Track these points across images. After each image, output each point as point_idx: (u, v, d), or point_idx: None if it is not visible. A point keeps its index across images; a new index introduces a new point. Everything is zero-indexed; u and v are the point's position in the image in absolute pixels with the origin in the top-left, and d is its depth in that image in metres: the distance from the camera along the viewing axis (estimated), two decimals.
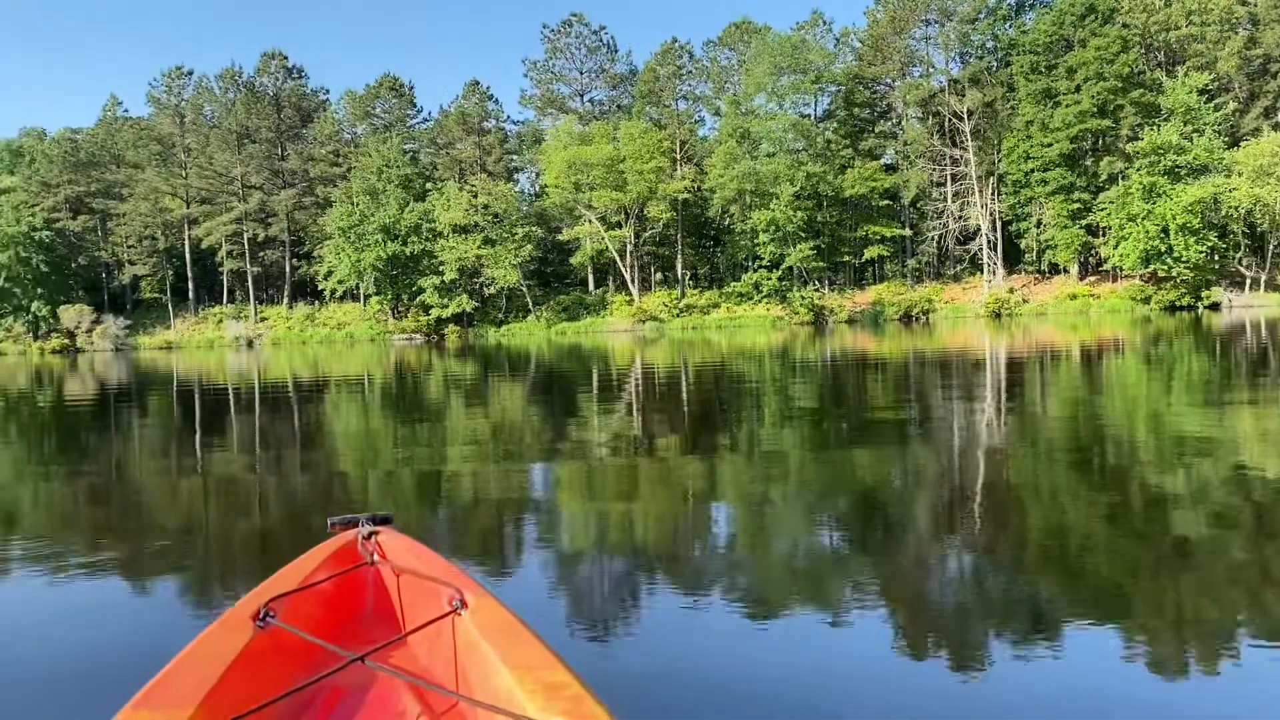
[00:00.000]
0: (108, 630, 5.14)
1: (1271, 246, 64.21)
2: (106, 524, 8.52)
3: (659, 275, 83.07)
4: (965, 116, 71.82)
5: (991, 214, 72.12)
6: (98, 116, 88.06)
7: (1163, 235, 59.89)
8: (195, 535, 7.85)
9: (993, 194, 72.36)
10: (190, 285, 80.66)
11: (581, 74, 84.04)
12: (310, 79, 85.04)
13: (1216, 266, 62.83)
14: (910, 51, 76.83)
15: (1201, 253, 60.05)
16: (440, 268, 70.96)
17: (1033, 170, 67.69)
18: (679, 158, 77.98)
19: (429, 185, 74.12)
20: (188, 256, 79.96)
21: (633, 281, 75.47)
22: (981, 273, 72.14)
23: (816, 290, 72.87)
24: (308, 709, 2.76)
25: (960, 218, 73.48)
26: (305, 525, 7.99)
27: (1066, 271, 71.35)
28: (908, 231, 74.71)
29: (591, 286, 79.27)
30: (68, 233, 79.02)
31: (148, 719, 2.22)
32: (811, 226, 71.16)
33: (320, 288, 75.26)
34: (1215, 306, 60.88)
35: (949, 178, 74.33)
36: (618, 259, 75.33)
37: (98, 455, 13.49)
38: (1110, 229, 64.16)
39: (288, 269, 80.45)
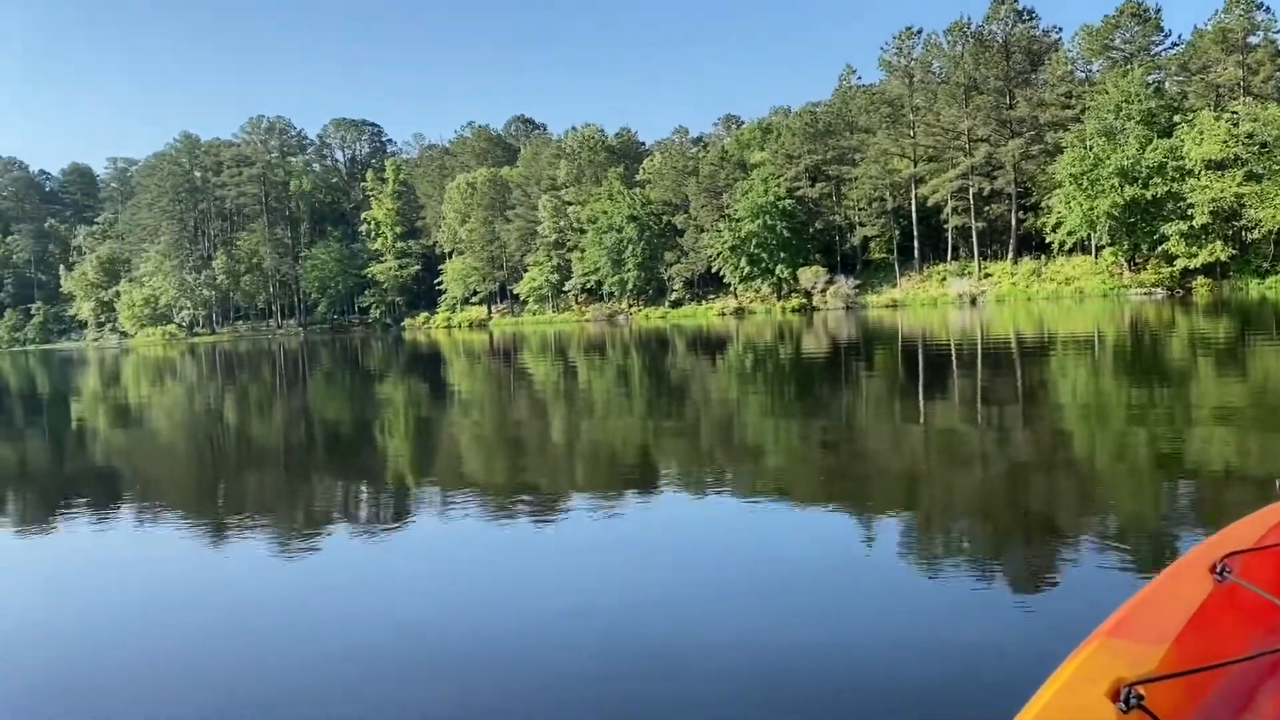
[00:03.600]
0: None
1: None
2: (843, 472, 9.49)
3: None
4: None
5: None
6: (834, 88, 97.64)
7: None
8: (924, 486, 8.32)
9: None
10: (915, 244, 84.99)
11: None
12: (1041, 19, 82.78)
13: None
14: None
15: None
16: (1188, 211, 63.99)
17: None
18: None
19: (1176, 118, 67.23)
20: (913, 215, 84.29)
21: None
22: None
23: None
24: (1272, 674, 2.76)
25: None
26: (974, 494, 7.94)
27: None
28: None
29: None
30: (806, 200, 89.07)
31: (1124, 649, 2.43)
32: None
33: (1047, 240, 73.40)
34: None
35: None
36: None
37: (830, 406, 15.05)
38: None
39: (1013, 222, 80.00)
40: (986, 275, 79.52)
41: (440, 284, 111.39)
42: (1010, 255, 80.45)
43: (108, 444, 16.34)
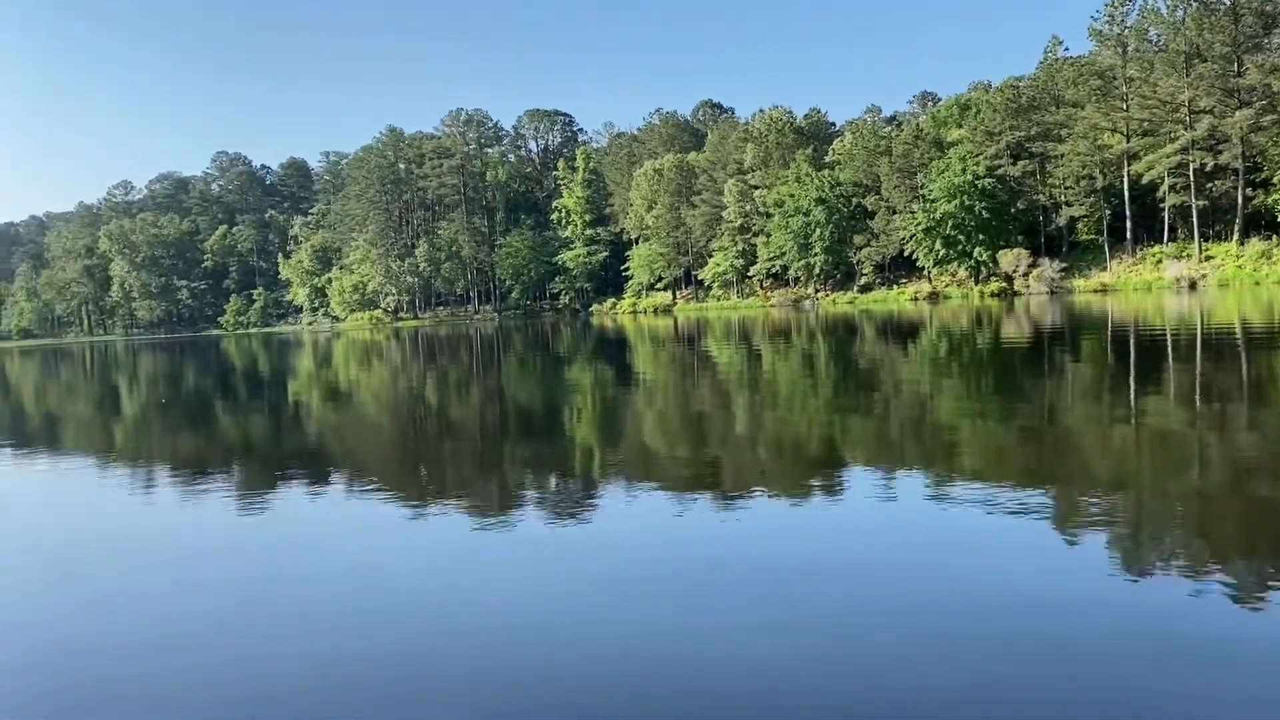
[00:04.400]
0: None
1: None
2: (1040, 468, 9.04)
3: None
4: None
5: None
6: (1038, 60, 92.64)
7: None
8: (1133, 491, 7.83)
9: None
10: (1127, 224, 79.82)
11: None
12: None
13: None
14: None
15: None
16: None
17: None
18: None
19: None
20: (1125, 194, 79.13)
21: None
22: None
23: None
24: None
25: None
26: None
27: None
28: None
29: None
30: (1008, 178, 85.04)
31: None
32: None
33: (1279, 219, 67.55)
34: None
35: None
36: None
37: (1031, 398, 14.35)
38: None
39: (1240, 200, 73.87)
40: (1208, 258, 74.02)
41: (627, 270, 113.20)
42: (1236, 236, 74.53)
43: (320, 421, 17.52)
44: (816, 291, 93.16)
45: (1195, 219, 74.88)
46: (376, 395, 22.74)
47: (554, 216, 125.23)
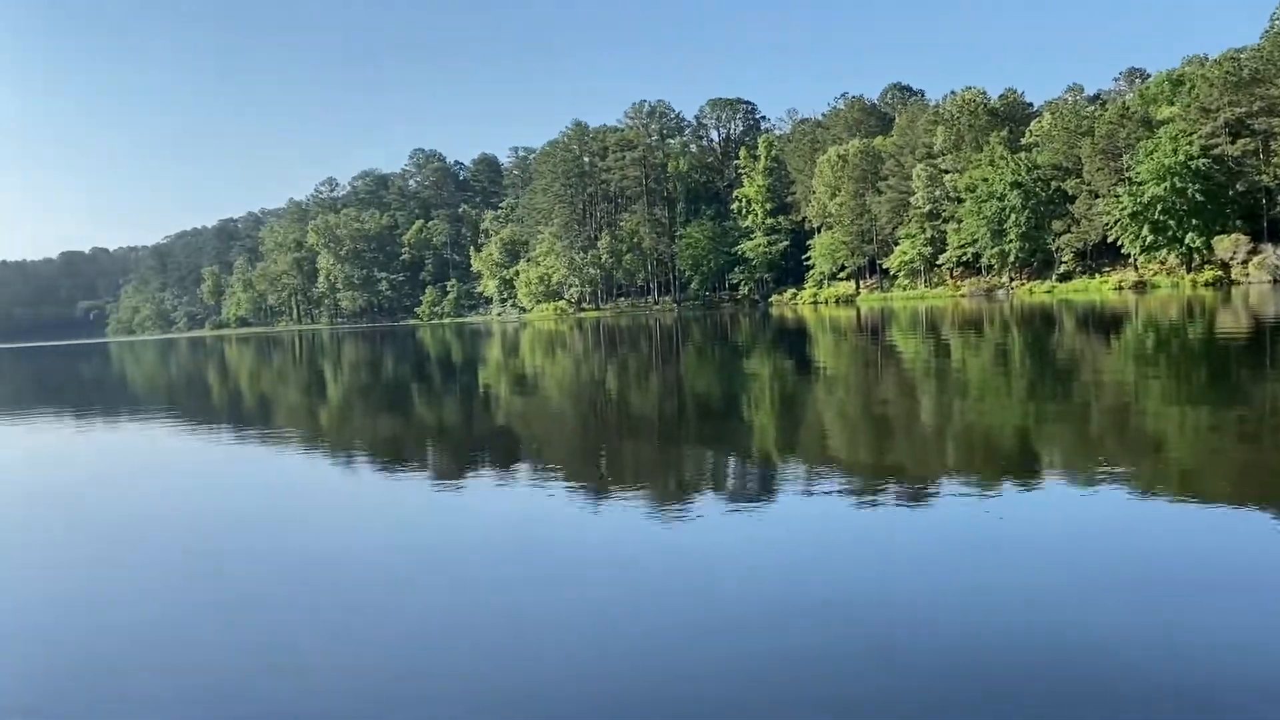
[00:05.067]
0: None
1: None
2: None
3: None
4: None
5: None
6: (1263, 30, 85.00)
7: None
8: None
9: None
10: None
11: None
12: None
13: None
14: None
15: None
16: None
17: None
18: None
19: None
20: None
21: None
22: None
23: None
24: None
25: None
26: None
27: None
28: None
29: None
30: (1225, 158, 78.56)
31: None
32: None
33: None
34: None
35: None
36: None
37: (1250, 395, 13.28)
38: None
39: None
40: None
41: (808, 259, 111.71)
42: None
43: (507, 408, 18.17)
44: (1011, 280, 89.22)
45: None
46: (560, 383, 23.36)
47: (734, 206, 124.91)
